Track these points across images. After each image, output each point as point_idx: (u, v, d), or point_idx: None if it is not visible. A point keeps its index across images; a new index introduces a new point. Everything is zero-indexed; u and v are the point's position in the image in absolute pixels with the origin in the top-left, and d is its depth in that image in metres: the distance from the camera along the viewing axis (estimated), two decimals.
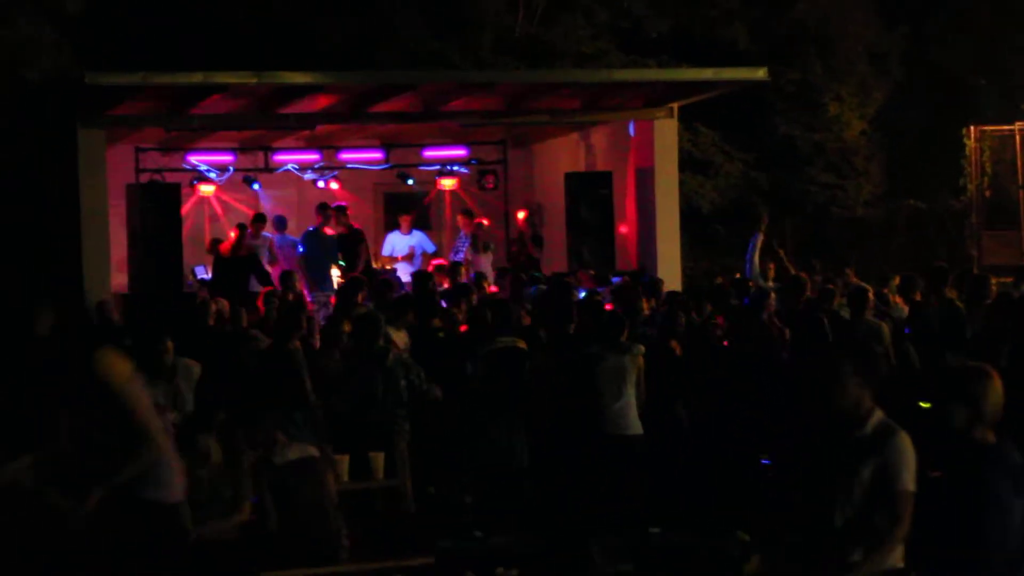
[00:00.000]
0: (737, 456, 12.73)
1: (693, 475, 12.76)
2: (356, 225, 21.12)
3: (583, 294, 16.40)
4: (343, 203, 21.48)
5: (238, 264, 19.87)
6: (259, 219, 21.32)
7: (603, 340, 12.60)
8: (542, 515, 12.28)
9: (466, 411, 12.70)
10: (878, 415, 6.86)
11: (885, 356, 13.23)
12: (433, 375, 12.60)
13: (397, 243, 21.64)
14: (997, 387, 6.42)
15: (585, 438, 12.45)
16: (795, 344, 13.48)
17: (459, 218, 22.30)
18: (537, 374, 12.69)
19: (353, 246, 20.55)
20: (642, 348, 12.57)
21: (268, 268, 20.39)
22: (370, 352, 12.34)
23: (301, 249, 20.46)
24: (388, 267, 20.98)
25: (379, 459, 11.53)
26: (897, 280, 15.88)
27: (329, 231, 20.49)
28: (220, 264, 20.21)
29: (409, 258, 21.52)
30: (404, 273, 20.28)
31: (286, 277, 17.85)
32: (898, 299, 15.42)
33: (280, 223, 21.61)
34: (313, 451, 10.28)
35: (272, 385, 12.51)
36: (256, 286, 18.82)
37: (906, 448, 6.74)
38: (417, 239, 21.92)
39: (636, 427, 12.39)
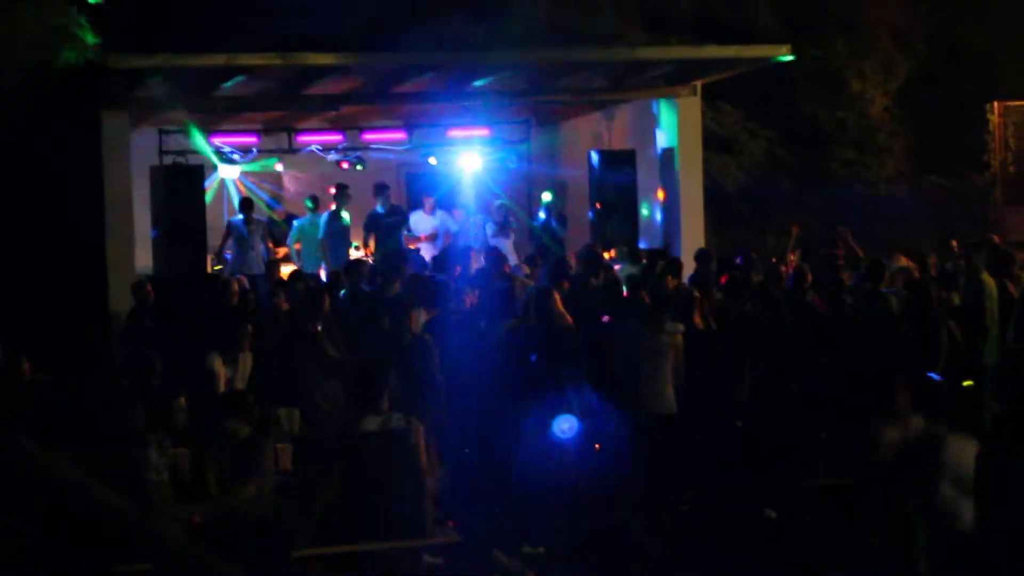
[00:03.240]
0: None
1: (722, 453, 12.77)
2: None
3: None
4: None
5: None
6: (246, 205, 21.00)
7: (641, 317, 12.59)
8: (572, 494, 12.29)
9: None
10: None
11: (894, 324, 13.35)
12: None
13: (421, 223, 21.64)
14: None
15: (618, 415, 12.46)
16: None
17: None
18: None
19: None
20: (681, 327, 12.51)
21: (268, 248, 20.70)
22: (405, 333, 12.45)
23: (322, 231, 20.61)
24: (412, 247, 20.99)
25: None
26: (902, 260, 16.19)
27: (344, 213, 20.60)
28: None
29: (432, 238, 21.53)
30: (427, 253, 20.31)
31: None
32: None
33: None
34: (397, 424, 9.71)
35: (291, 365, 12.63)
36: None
37: None
38: (440, 219, 21.94)
39: (670, 406, 12.36)
